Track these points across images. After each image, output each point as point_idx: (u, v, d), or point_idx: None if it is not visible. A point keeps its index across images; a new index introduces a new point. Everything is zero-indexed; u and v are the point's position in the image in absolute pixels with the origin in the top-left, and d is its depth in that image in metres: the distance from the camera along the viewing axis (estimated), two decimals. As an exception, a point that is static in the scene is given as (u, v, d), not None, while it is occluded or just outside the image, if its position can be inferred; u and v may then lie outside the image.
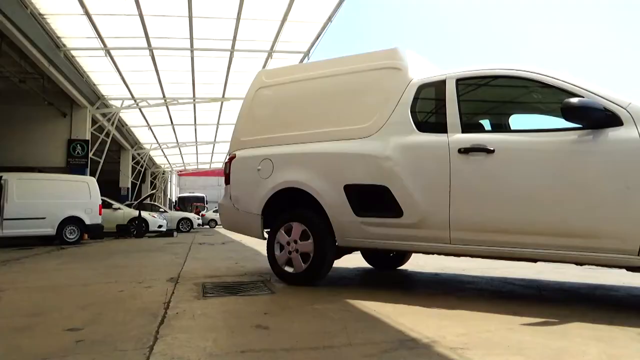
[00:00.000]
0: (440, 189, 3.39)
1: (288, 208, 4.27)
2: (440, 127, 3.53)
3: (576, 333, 2.41)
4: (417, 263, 5.68)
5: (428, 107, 3.78)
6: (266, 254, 4.27)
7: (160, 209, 20.75)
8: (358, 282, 4.39)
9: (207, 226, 26.36)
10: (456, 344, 2.22)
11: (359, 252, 5.30)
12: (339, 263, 5.18)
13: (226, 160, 4.86)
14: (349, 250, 4.33)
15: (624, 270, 3.01)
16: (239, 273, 4.93)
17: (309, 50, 12.99)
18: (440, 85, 3.64)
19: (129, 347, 2.23)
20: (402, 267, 5.31)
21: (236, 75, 14.44)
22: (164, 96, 16.18)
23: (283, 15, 10.94)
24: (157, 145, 25.53)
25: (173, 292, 3.77)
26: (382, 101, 3.85)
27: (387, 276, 4.73)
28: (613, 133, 2.86)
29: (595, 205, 2.86)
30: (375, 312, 2.93)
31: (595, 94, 2.98)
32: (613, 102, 2.92)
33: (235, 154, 4.66)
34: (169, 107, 17.41)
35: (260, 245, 8.42)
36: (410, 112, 3.69)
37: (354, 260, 5.67)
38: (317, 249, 3.91)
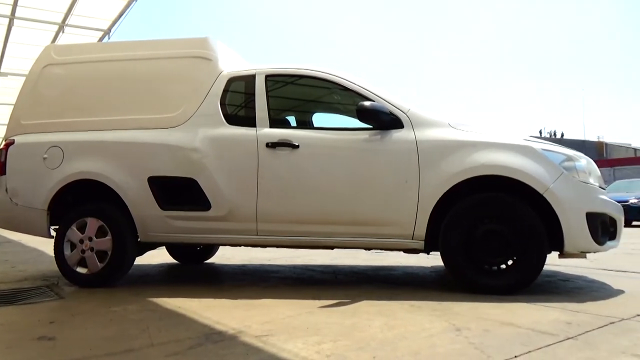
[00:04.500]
0: (249, 182, 3.46)
1: (81, 202, 3.83)
2: (249, 120, 3.59)
3: (364, 310, 2.72)
4: (224, 255, 5.69)
5: (237, 101, 3.81)
6: (53, 255, 3.76)
7: None
8: (162, 279, 4.19)
9: (-25, 225, 21.94)
10: (261, 332, 2.30)
11: (164, 247, 5.09)
12: (141, 260, 4.86)
13: (1, 147, 4.12)
14: (152, 246, 4.12)
15: (401, 253, 3.51)
16: (18, 279, 4.23)
17: (109, 29, 11.81)
18: (250, 79, 3.71)
19: None
20: (209, 261, 5.26)
21: (17, 47, 12.27)
22: None
23: (78, -15, 9.72)
24: None
25: None
26: (191, 91, 3.74)
27: (194, 270, 4.63)
28: (396, 134, 3.31)
29: (382, 197, 3.27)
30: (180, 309, 2.84)
31: (384, 99, 3.41)
32: (397, 107, 3.38)
33: (13, 140, 3.98)
34: None
35: (45, 245, 7.35)
36: (220, 104, 3.67)
37: (158, 256, 5.39)
38: (116, 246, 3.61)
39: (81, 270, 3.66)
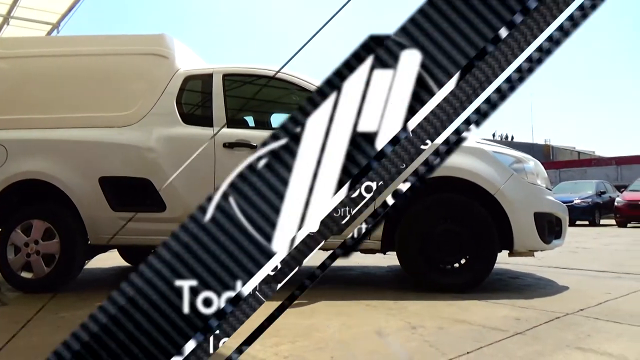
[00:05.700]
0: (205, 183, 3.39)
1: (26, 203, 3.65)
2: (206, 120, 3.54)
3: (323, 310, 2.73)
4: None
5: (194, 100, 3.74)
6: (-5, 259, 3.56)
7: None
8: (114, 283, 3.99)
9: None
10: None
11: (115, 250, 4.92)
12: (91, 263, 4.68)
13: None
14: (104, 248, 3.99)
15: (359, 253, 3.55)
16: (-45, 284, 3.98)
17: (58, 23, 11.31)
18: (207, 78, 3.65)
19: None
20: (165, 263, 5.13)
21: (-45, 39, 11.59)
22: None
23: (25, -25, 9.27)
24: None
25: None
26: (146, 89, 3.64)
27: (148, 274, 4.50)
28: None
29: (339, 198, 3.29)
30: (134, 313, 2.75)
31: (342, 101, 3.43)
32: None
33: (-49, 137, 3.75)
34: None
35: (-12, 249, 6.96)
36: (176, 103, 3.59)
37: (110, 260, 5.21)
38: (64, 249, 3.46)
39: (26, 275, 3.48)
